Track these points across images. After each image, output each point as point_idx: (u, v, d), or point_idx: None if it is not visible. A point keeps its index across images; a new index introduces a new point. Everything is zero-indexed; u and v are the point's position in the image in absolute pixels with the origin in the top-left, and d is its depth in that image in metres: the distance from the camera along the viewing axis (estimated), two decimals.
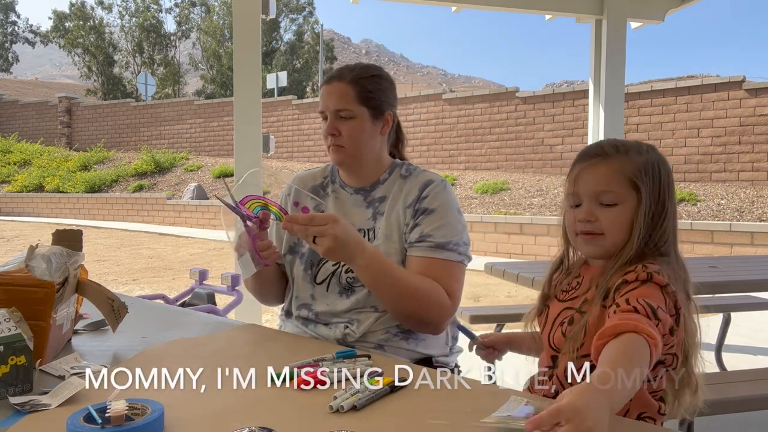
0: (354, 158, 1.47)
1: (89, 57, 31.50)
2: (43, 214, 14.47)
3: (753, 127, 8.85)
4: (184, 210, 12.57)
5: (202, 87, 33.61)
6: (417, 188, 1.46)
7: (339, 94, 1.44)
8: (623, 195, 1.07)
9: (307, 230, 1.21)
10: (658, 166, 1.09)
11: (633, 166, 1.08)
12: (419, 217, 1.42)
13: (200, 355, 1.21)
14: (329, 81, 1.48)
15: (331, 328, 1.43)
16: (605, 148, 1.11)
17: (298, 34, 33.80)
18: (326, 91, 1.47)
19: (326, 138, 1.47)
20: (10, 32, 39.72)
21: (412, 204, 1.44)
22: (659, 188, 1.08)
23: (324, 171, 1.61)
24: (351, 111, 1.44)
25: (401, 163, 1.55)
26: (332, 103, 1.45)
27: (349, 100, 1.44)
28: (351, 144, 1.45)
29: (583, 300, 1.11)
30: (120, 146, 17.85)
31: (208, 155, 16.03)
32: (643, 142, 1.14)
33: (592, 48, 3.94)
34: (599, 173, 1.09)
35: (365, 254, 1.27)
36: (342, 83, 1.45)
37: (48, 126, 19.44)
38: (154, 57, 33.01)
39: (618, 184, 1.08)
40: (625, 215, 1.07)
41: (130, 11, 33.38)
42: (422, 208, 1.43)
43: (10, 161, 17.16)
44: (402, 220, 1.44)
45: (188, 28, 34.66)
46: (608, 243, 1.09)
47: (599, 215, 1.08)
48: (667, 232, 1.08)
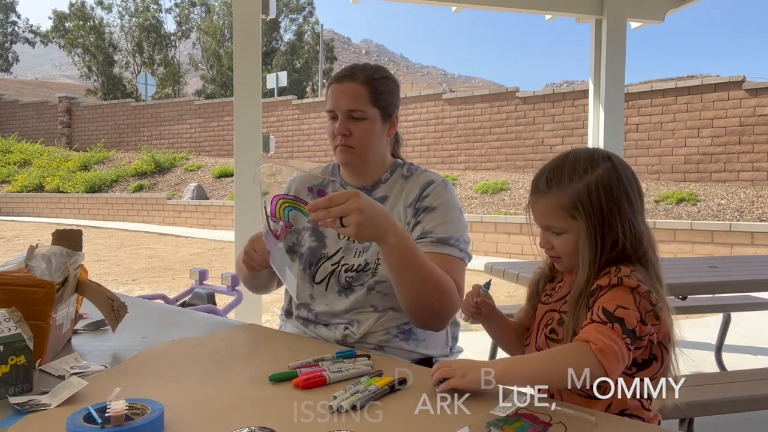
0: (362, 159, 1.47)
1: (89, 57, 31.48)
2: (43, 214, 14.46)
3: (753, 127, 8.85)
4: (184, 210, 12.57)
5: (202, 87, 33.59)
6: (418, 188, 1.45)
7: (352, 95, 1.42)
8: (565, 226, 1.12)
9: (329, 212, 1.12)
10: (598, 186, 1.09)
11: (567, 197, 1.10)
12: (420, 215, 1.42)
13: (200, 355, 1.21)
14: (341, 80, 1.45)
15: (331, 330, 1.43)
16: (539, 186, 1.14)
17: (298, 34, 33.78)
18: (338, 90, 1.44)
19: (334, 137, 1.45)
20: (10, 32, 39.70)
21: (413, 203, 1.44)
22: (600, 209, 1.09)
23: (325, 170, 1.60)
24: (364, 112, 1.43)
25: (402, 162, 1.55)
26: (345, 102, 1.43)
27: (362, 101, 1.42)
28: (361, 145, 1.44)
29: (564, 302, 1.15)
30: (120, 146, 17.84)
31: (208, 155, 16.03)
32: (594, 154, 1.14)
33: (592, 48, 3.95)
34: (540, 210, 1.15)
35: (397, 232, 1.20)
36: (355, 83, 1.43)
37: (48, 126, 19.44)
38: (154, 57, 32.99)
39: (556, 218, 1.12)
40: (572, 241, 1.12)
41: (130, 11, 33.36)
42: (423, 207, 1.42)
43: (10, 161, 17.16)
44: (403, 220, 1.44)
45: (188, 28, 34.63)
46: (567, 264, 1.16)
47: (553, 242, 1.15)
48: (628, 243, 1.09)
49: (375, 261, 1.42)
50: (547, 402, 0.94)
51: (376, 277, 1.41)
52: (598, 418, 0.90)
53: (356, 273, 1.43)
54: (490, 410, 0.91)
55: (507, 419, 0.88)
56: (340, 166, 1.56)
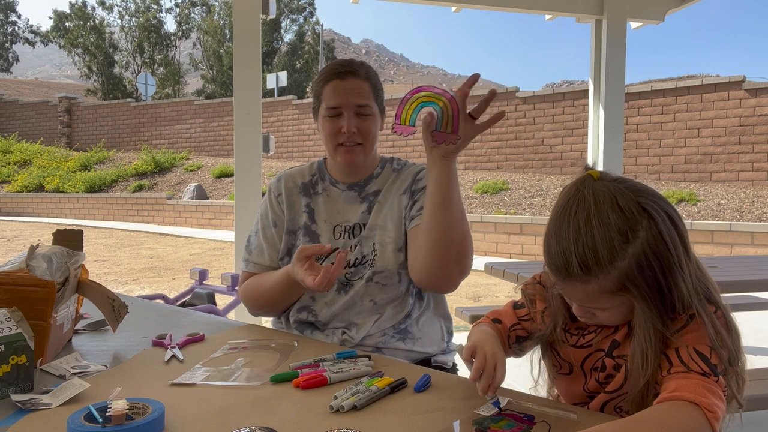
0: (365, 155, 1.46)
1: (89, 57, 31.48)
2: (43, 214, 14.46)
3: (753, 127, 8.85)
4: (184, 210, 12.56)
5: (202, 87, 33.58)
6: (411, 175, 1.47)
7: (359, 91, 1.40)
8: (613, 303, 0.93)
9: None
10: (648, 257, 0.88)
11: (612, 281, 0.89)
12: (417, 195, 1.43)
13: (200, 355, 1.21)
14: (343, 76, 1.41)
15: (328, 335, 1.42)
16: (572, 272, 0.90)
17: (298, 35, 33.80)
18: (342, 87, 1.40)
19: (335, 136, 1.42)
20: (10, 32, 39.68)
21: (408, 188, 1.46)
22: (655, 279, 0.89)
23: (311, 168, 1.56)
24: (371, 107, 1.42)
25: (390, 158, 1.56)
26: (353, 98, 1.40)
27: (368, 97, 1.42)
28: (368, 141, 1.44)
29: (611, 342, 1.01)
30: (120, 146, 17.84)
31: (208, 155, 16.03)
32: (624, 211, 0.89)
33: (592, 48, 3.95)
34: (578, 296, 0.95)
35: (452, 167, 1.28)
36: (359, 79, 1.41)
37: (48, 126, 19.44)
38: (155, 57, 32.99)
39: (601, 301, 0.93)
40: (623, 310, 0.95)
41: (131, 11, 33.39)
42: (419, 188, 1.44)
43: (10, 161, 17.16)
44: (400, 206, 1.44)
45: (188, 28, 34.63)
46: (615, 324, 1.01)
47: (596, 314, 0.97)
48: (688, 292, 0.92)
49: (372, 252, 1.41)
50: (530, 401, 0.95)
51: (374, 268, 1.40)
52: (579, 415, 0.90)
53: (355, 268, 1.42)
54: (474, 410, 0.92)
55: (492, 418, 0.89)
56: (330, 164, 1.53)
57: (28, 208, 14.90)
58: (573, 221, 0.91)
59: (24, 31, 40.10)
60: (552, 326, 1.07)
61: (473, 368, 0.97)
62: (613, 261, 0.88)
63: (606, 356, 1.01)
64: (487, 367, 0.95)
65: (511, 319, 1.15)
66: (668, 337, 0.91)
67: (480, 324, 1.16)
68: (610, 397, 1.01)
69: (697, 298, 0.92)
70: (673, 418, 0.81)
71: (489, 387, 0.93)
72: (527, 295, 1.15)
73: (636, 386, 0.93)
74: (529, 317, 1.14)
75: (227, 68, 28.98)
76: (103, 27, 32.47)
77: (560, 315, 1.06)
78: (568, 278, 0.92)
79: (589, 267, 0.89)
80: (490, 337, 1.06)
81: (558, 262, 0.92)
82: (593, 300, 0.93)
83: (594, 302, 0.94)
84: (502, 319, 1.15)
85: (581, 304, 0.97)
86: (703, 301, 0.94)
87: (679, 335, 0.91)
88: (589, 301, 0.94)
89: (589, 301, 0.94)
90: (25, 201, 15.00)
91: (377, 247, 1.41)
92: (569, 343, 1.06)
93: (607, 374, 1.01)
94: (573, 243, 0.90)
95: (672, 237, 0.90)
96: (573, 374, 1.07)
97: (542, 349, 1.13)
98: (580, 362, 1.05)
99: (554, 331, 1.07)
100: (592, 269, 0.89)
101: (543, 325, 1.10)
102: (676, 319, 0.93)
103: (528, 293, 1.15)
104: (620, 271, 0.88)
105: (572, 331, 1.06)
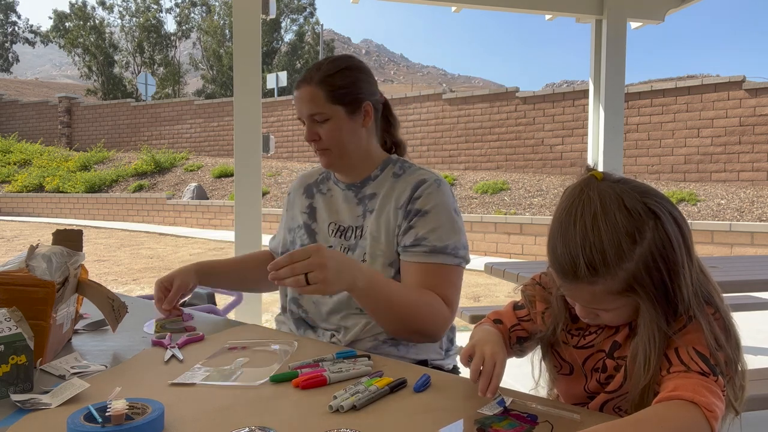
0: (341, 158, 1.45)
1: (89, 57, 31.49)
2: (43, 214, 14.46)
3: (753, 127, 8.85)
4: (184, 210, 12.57)
5: (202, 87, 33.60)
6: (409, 188, 1.40)
7: (309, 99, 1.40)
8: (618, 304, 0.94)
9: (293, 269, 1.12)
10: (655, 258, 0.89)
11: (619, 282, 0.90)
12: (413, 219, 1.37)
13: (200, 354, 1.21)
14: (298, 86, 1.43)
15: (320, 336, 1.42)
16: (579, 273, 0.90)
17: (298, 35, 33.83)
18: (297, 97, 1.43)
19: (310, 144, 1.46)
20: (10, 32, 39.69)
21: (404, 205, 1.39)
22: (661, 280, 0.89)
23: (320, 168, 1.61)
24: (324, 113, 1.40)
25: (396, 159, 1.51)
26: (305, 108, 1.42)
27: (320, 103, 1.40)
28: (334, 145, 1.43)
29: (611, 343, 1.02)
30: (120, 146, 17.84)
31: (208, 155, 16.03)
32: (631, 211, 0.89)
33: (592, 48, 3.95)
34: (584, 298, 0.95)
35: (365, 274, 1.22)
36: (310, 86, 1.41)
37: (48, 126, 19.44)
38: (155, 57, 33.00)
39: (607, 302, 0.93)
40: (627, 311, 0.96)
41: (131, 11, 33.40)
42: (415, 210, 1.37)
43: (10, 161, 17.16)
44: (393, 222, 1.39)
45: (188, 28, 34.65)
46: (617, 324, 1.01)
47: (600, 314, 0.98)
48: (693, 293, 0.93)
49: (362, 256, 1.40)
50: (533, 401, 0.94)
51: None
52: (582, 416, 0.90)
53: None
54: (477, 409, 0.92)
55: (494, 417, 0.89)
56: None
57: (28, 208, 14.90)
58: (579, 222, 0.90)
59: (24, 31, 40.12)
60: (553, 327, 1.07)
61: (471, 368, 0.97)
62: (621, 262, 0.88)
63: (607, 357, 1.02)
64: (486, 367, 0.95)
65: (511, 319, 1.15)
66: (669, 337, 0.92)
67: (482, 324, 1.16)
68: (610, 397, 1.02)
69: (696, 299, 0.93)
70: (672, 417, 0.82)
71: (488, 387, 0.93)
72: (527, 296, 1.15)
73: (637, 386, 0.93)
74: (529, 318, 1.14)
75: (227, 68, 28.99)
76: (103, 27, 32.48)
77: (561, 316, 1.06)
78: (574, 280, 0.91)
79: (596, 268, 0.89)
80: (492, 337, 1.06)
81: (564, 264, 0.92)
82: (599, 301, 0.93)
83: (599, 303, 0.94)
84: (502, 320, 1.15)
85: (586, 306, 0.97)
86: (701, 303, 0.94)
87: (680, 335, 0.92)
88: (594, 303, 0.94)
89: (594, 303, 0.94)
90: (25, 201, 15.00)
91: (367, 258, 1.39)
92: (570, 343, 1.07)
93: (608, 375, 1.02)
94: (580, 244, 0.89)
95: (677, 238, 0.90)
96: (574, 375, 1.08)
97: (543, 350, 1.13)
98: (581, 363, 1.06)
99: (555, 332, 1.07)
100: (600, 270, 0.89)
101: (543, 326, 1.10)
102: (677, 319, 0.93)
103: (527, 294, 1.15)
104: (627, 272, 0.89)
105: (573, 332, 1.07)
